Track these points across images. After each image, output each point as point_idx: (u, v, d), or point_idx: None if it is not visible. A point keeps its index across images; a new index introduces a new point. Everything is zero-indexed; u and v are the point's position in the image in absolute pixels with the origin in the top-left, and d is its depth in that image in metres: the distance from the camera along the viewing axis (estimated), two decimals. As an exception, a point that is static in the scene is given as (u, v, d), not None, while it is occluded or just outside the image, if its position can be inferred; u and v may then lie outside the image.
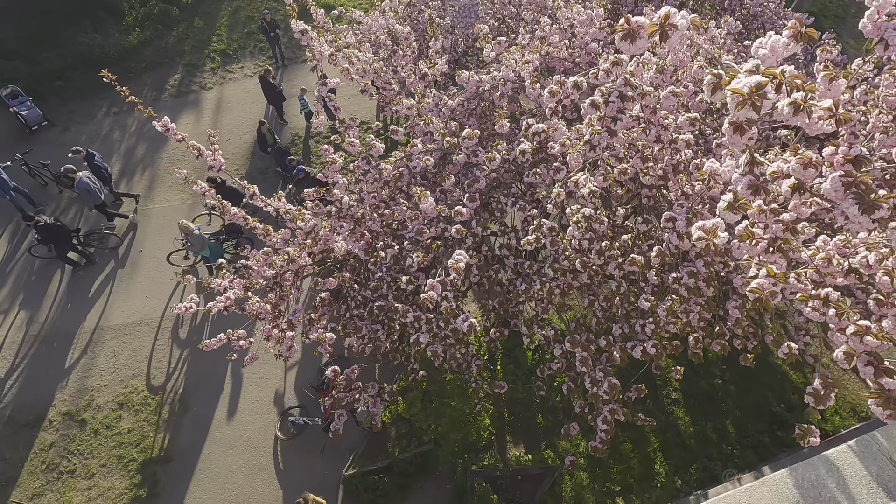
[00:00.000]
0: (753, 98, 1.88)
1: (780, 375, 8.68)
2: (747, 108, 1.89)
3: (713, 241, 2.61)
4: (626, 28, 2.26)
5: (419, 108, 5.57)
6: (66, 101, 13.95)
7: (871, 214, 2.06)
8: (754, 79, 1.88)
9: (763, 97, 1.87)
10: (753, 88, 1.87)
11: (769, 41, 2.36)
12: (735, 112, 1.94)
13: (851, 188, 2.13)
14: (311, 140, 12.88)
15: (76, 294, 10.04)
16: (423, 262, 4.76)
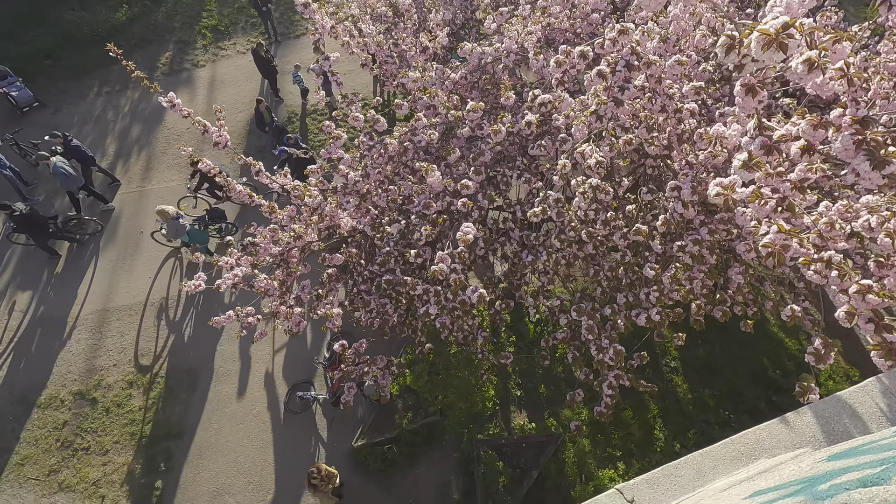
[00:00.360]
0: (780, 38, 1.91)
1: (776, 343, 8.89)
2: (773, 50, 1.92)
3: (731, 195, 2.67)
4: None
5: (423, 82, 5.55)
6: (56, 81, 13.70)
7: (882, 170, 2.13)
8: (781, 20, 1.92)
9: (790, 37, 1.91)
10: (780, 29, 1.90)
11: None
12: (761, 54, 1.97)
13: (862, 146, 2.19)
14: (308, 118, 12.76)
15: (80, 277, 10.07)
16: (431, 235, 4.83)
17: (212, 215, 10.09)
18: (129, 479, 7.73)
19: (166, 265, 10.17)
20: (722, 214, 4.32)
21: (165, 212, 9.04)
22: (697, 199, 4.07)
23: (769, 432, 1.94)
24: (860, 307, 2.63)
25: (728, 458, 1.94)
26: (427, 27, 7.69)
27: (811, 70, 2.50)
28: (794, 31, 2.21)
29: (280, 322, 5.85)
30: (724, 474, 1.81)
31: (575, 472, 7.45)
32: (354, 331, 6.73)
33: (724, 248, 4.86)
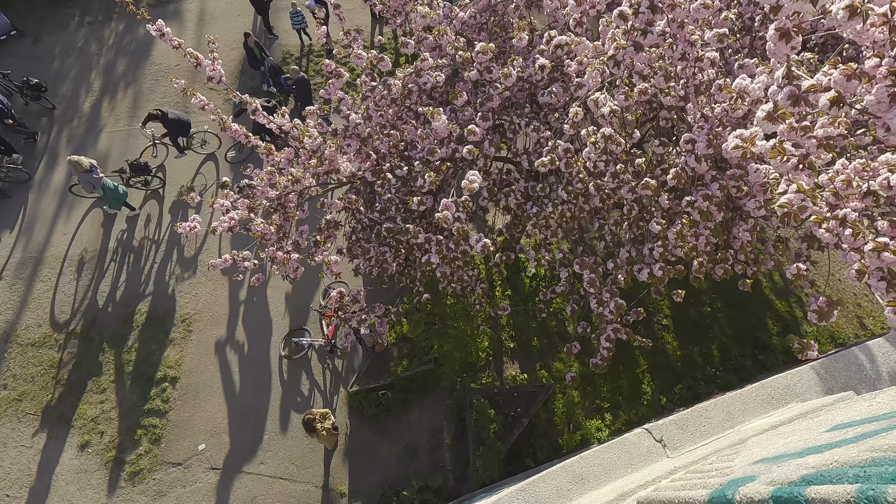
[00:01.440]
0: None
1: (767, 304, 9.04)
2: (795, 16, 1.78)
3: (751, 148, 2.58)
4: None
5: (430, 20, 5.25)
6: (34, 7, 12.90)
7: None
8: None
9: None
10: None
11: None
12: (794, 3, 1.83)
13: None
14: (304, 59, 12.20)
15: (67, 218, 9.85)
16: (435, 183, 4.70)
17: (133, 168, 9.68)
18: (128, 416, 7.88)
19: (161, 208, 9.96)
20: (734, 171, 4.23)
21: (78, 163, 8.48)
22: (711, 153, 3.96)
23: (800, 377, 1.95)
24: (873, 264, 2.61)
25: (759, 401, 1.95)
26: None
27: (853, 16, 2.35)
28: None
29: (277, 268, 5.80)
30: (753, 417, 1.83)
31: (564, 422, 7.69)
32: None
33: (731, 205, 4.80)
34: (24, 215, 9.88)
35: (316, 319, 8.60)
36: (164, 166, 10.39)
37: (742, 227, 4.59)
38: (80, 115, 11.26)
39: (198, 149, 10.43)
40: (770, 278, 9.14)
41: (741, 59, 4.98)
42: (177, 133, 9.77)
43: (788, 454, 1.37)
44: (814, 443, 1.35)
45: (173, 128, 9.65)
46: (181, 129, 9.76)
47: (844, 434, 1.20)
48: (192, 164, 10.44)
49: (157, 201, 10.07)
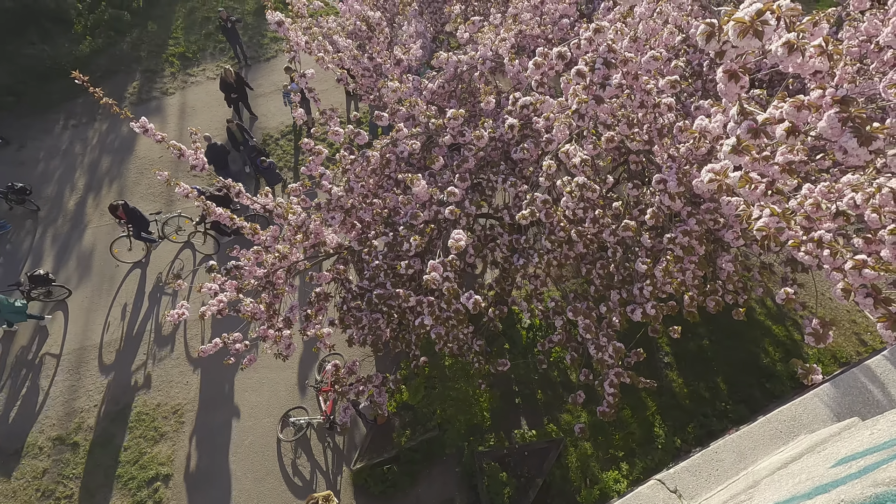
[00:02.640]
0: (755, 25, 1.93)
1: (764, 330, 9.02)
2: (749, 37, 1.95)
3: (725, 180, 2.68)
4: None
5: (401, 93, 5.54)
6: (19, 116, 13.33)
7: (868, 146, 2.16)
8: (755, 7, 1.94)
9: (765, 23, 1.93)
10: (755, 16, 1.93)
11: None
12: (738, 41, 1.99)
13: (848, 123, 2.22)
14: (284, 139, 12.64)
15: (52, 316, 9.67)
16: (421, 245, 4.76)
17: (32, 280, 9.35)
18: (118, 524, 7.36)
19: (144, 297, 9.85)
20: (708, 205, 4.37)
21: None
22: (683, 191, 4.10)
23: (804, 408, 1.92)
24: (856, 282, 2.66)
25: (768, 437, 1.90)
26: (400, 41, 7.72)
27: (791, 52, 2.54)
28: (770, 17, 2.25)
29: (269, 346, 5.69)
30: (766, 454, 1.77)
31: (580, 477, 7.36)
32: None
33: (711, 238, 4.92)
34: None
35: (312, 396, 8.33)
36: (145, 262, 10.36)
37: (725, 257, 4.68)
38: (65, 213, 11.37)
39: (174, 236, 10.42)
40: (763, 304, 9.18)
41: (696, 101, 5.30)
42: (140, 224, 9.85)
43: (798, 496, 1.33)
44: (821, 481, 1.32)
45: (134, 218, 9.73)
46: (142, 223, 9.86)
47: (849, 469, 1.17)
48: (170, 251, 10.47)
49: (138, 292, 9.97)
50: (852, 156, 2.34)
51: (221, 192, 9.58)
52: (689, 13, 6.56)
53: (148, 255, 10.35)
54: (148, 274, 10.20)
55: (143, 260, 10.29)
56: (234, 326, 5.81)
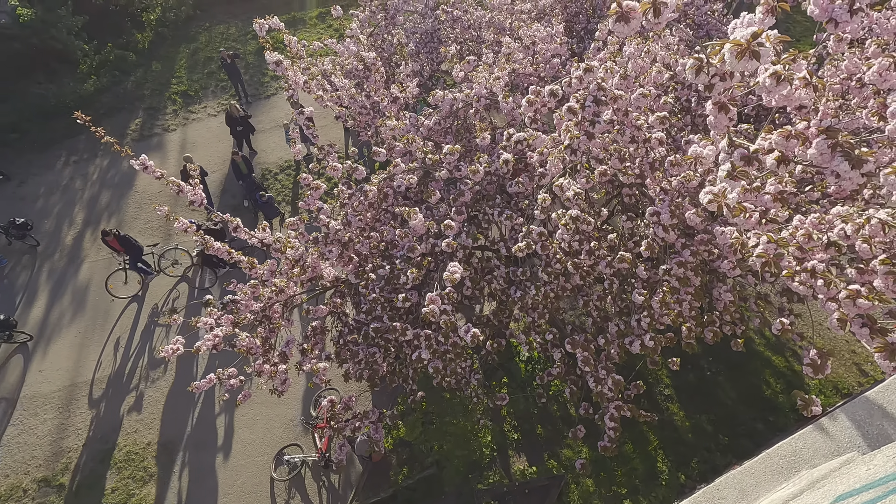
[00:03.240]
0: (752, 46, 2.00)
1: (764, 361, 8.94)
2: (747, 59, 2.01)
3: (723, 201, 2.72)
4: (619, 11, 2.38)
5: (398, 130, 5.67)
6: (22, 153, 13.52)
7: (860, 168, 2.21)
8: (750, 29, 2.01)
9: (761, 45, 2.00)
10: (751, 38, 2.00)
11: (746, 19, 2.55)
12: (736, 63, 2.05)
13: (837, 148, 2.28)
14: (283, 173, 12.81)
15: (44, 353, 9.53)
16: (418, 278, 4.77)
17: None
18: (102, 572, 7.04)
19: (138, 332, 9.74)
20: (701, 236, 4.42)
21: None
22: (677, 223, 4.16)
23: (804, 442, 1.89)
24: (852, 312, 2.67)
25: (769, 473, 1.86)
26: (397, 79, 7.96)
27: (779, 82, 2.64)
28: (764, 40, 2.35)
29: (264, 381, 5.60)
30: (767, 491, 1.74)
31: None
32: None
33: (706, 269, 4.95)
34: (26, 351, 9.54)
35: (308, 433, 8.15)
36: (141, 295, 10.26)
37: (721, 288, 4.70)
38: (62, 248, 11.38)
39: (170, 269, 10.44)
40: (761, 335, 9.14)
41: (686, 135, 5.44)
42: (134, 253, 9.86)
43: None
44: (819, 522, 1.29)
45: (128, 247, 9.74)
46: (137, 248, 9.91)
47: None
48: (166, 284, 10.43)
49: (132, 326, 9.87)
50: (845, 179, 2.39)
51: (217, 225, 9.65)
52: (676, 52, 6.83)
53: (144, 288, 10.30)
54: (143, 308, 10.12)
55: (139, 293, 10.23)
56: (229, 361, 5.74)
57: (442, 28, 9.19)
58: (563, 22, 9.15)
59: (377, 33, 9.07)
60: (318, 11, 18.30)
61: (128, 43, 16.53)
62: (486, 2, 8.89)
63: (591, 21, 9.04)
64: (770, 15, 2.29)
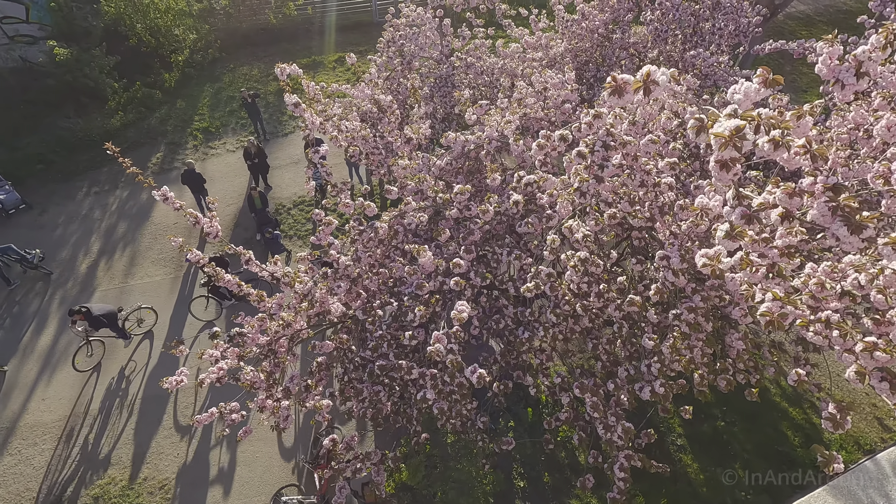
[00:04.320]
0: (734, 140, 2.06)
1: (781, 413, 8.64)
2: (730, 149, 2.07)
3: (717, 265, 2.72)
4: (614, 85, 2.47)
5: (410, 169, 5.79)
6: (45, 183, 13.95)
7: (859, 234, 2.21)
8: (733, 122, 2.07)
9: (743, 139, 2.06)
10: (733, 131, 2.05)
11: (742, 87, 2.61)
12: (720, 152, 2.12)
13: (838, 212, 2.28)
14: (296, 208, 13.04)
15: (47, 380, 9.51)
16: (425, 316, 4.75)
17: None
18: None
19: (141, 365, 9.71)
20: (712, 281, 4.38)
21: None
22: (687, 267, 4.14)
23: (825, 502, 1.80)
24: (869, 365, 2.60)
25: None
26: (410, 121, 8.19)
27: (776, 149, 2.68)
28: (748, 131, 2.41)
29: (266, 417, 5.51)
30: None
31: (591, 574, 6.76)
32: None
33: (718, 315, 4.87)
34: (4, 382, 9.52)
35: (307, 473, 7.92)
36: (101, 364, 9.78)
37: (734, 335, 4.61)
38: (76, 277, 11.54)
39: (136, 328, 10.13)
40: (777, 384, 8.88)
41: (695, 181, 5.48)
42: (112, 323, 9.37)
43: None
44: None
45: (98, 323, 9.20)
46: (111, 321, 9.39)
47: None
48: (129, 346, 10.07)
49: (135, 360, 9.84)
50: (845, 243, 2.39)
51: (219, 255, 9.76)
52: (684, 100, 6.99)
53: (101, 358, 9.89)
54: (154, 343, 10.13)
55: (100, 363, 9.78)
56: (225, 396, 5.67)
57: (456, 73, 9.52)
58: (574, 69, 9.47)
59: (393, 77, 9.41)
60: (336, 56, 19.09)
61: (155, 82, 17.30)
62: (499, 50, 9.24)
63: (601, 70, 9.33)
64: (765, 87, 2.36)
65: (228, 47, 19.46)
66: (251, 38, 19.94)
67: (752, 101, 2.75)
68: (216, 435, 8.46)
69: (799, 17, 20.69)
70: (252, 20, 20.03)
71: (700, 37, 9.24)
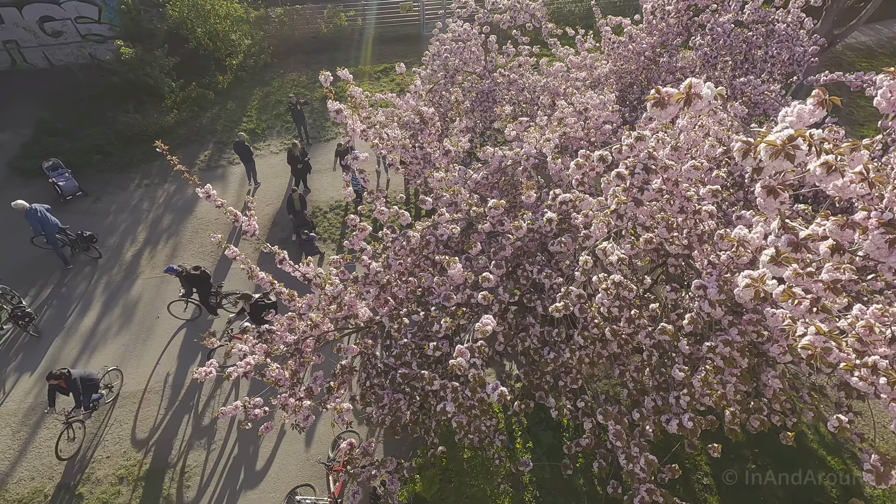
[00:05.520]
0: (787, 148, 1.99)
1: (818, 460, 8.16)
2: (781, 159, 2.00)
3: (762, 287, 2.61)
4: (657, 97, 2.44)
5: (446, 181, 5.84)
6: (102, 172, 14.75)
7: None
8: (786, 132, 2.01)
9: (796, 148, 1.98)
10: (786, 140, 1.99)
11: (795, 109, 2.53)
12: (769, 162, 2.04)
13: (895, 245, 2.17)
14: (332, 212, 13.33)
15: (88, 362, 9.95)
16: (451, 328, 4.75)
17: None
18: (102, 593, 6.94)
19: (172, 350, 10.04)
20: (750, 315, 4.21)
21: None
22: (724, 299, 4.00)
23: None
24: (919, 418, 2.44)
25: None
26: (450, 134, 8.28)
27: (830, 172, 2.58)
28: (801, 142, 2.31)
29: (287, 416, 5.60)
30: None
31: None
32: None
33: (755, 351, 4.68)
34: (47, 358, 10.01)
35: (323, 475, 7.97)
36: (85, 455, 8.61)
37: (770, 373, 4.41)
38: (121, 263, 12.09)
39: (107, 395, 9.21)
40: (815, 430, 8.41)
41: (738, 210, 5.31)
42: (87, 392, 8.40)
43: None
44: None
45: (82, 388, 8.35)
46: (90, 388, 8.50)
47: None
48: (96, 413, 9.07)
49: (169, 346, 10.18)
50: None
51: (198, 270, 9.94)
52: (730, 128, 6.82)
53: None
54: (187, 330, 10.48)
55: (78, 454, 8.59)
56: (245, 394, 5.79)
57: (498, 89, 9.59)
58: (618, 91, 9.38)
59: (436, 90, 9.57)
60: (382, 66, 19.55)
61: (209, 83, 18.12)
62: (543, 68, 9.26)
63: (645, 92, 9.21)
64: (821, 108, 2.27)
65: (280, 53, 20.22)
66: (302, 45, 20.67)
67: (805, 124, 2.65)
68: (237, 428, 8.63)
69: (859, 49, 19.90)
70: (304, 28, 20.78)
71: (751, 64, 9.02)
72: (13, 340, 10.33)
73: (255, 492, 7.94)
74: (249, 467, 8.24)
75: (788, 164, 2.11)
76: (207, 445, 8.54)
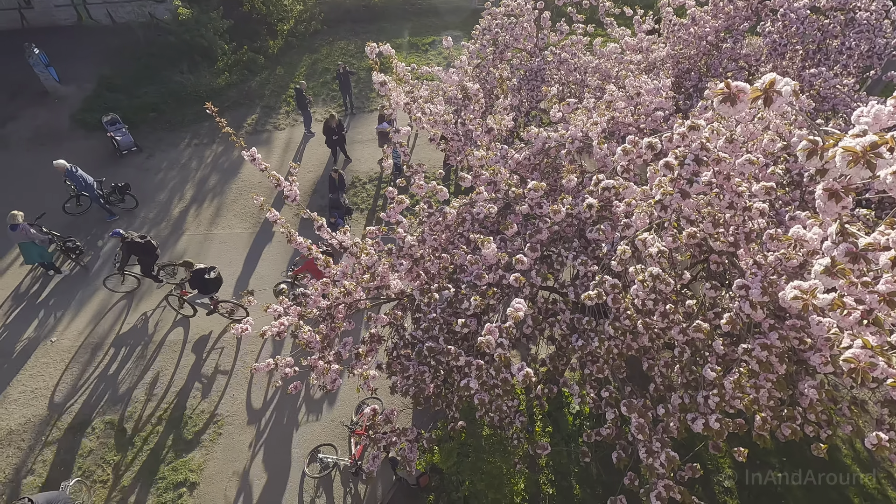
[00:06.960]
0: (868, 156, 1.86)
1: (849, 477, 7.86)
2: (860, 167, 1.87)
3: (811, 300, 2.49)
4: (727, 92, 2.30)
5: (486, 160, 5.77)
6: (156, 129, 15.34)
7: None
8: (869, 138, 1.87)
9: (879, 156, 1.85)
10: (868, 147, 1.85)
11: (871, 109, 2.35)
12: (847, 170, 1.92)
13: None
14: (371, 183, 13.45)
15: (138, 306, 10.56)
16: (480, 307, 4.76)
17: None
18: (139, 521, 7.52)
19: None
20: (794, 321, 4.04)
21: None
22: (767, 301, 3.84)
23: None
24: (970, 444, 2.30)
25: None
26: (494, 111, 8.14)
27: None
28: (884, 150, 2.13)
29: (315, 377, 5.81)
30: None
31: None
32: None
33: (794, 358, 4.49)
34: (88, 301, 10.68)
35: (345, 436, 8.28)
36: None
37: (809, 382, 4.24)
38: (169, 219, 12.65)
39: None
40: (850, 445, 8.07)
41: (792, 211, 5.04)
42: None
43: None
44: None
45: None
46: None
47: None
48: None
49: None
50: None
51: (143, 239, 9.86)
52: (793, 122, 6.41)
53: None
54: (224, 285, 10.93)
55: None
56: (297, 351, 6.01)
57: (547, 68, 9.31)
58: (673, 77, 8.94)
59: (484, 65, 9.38)
60: (431, 39, 19.29)
61: (260, 47, 18.39)
62: (596, 48, 8.91)
63: (703, 80, 8.75)
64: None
65: (330, 20, 20.25)
66: (353, 14, 20.62)
67: (883, 126, 2.47)
68: (271, 385, 9.02)
69: (949, 44, 18.18)
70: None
71: (824, 55, 8.40)
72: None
73: (283, 443, 8.33)
74: (280, 423, 8.63)
75: (867, 173, 1.97)
76: (244, 399, 8.97)
